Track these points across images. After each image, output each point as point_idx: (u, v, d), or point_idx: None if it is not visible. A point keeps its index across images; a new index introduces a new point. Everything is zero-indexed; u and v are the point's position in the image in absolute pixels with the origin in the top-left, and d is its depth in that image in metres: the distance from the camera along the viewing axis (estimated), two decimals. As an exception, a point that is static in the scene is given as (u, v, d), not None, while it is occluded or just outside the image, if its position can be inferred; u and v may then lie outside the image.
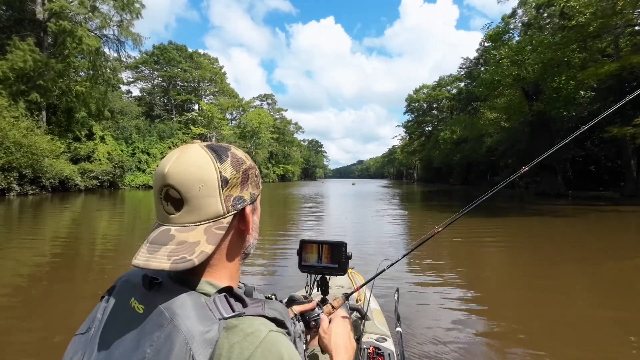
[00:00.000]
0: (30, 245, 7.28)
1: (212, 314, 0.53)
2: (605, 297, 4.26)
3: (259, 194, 0.68)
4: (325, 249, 1.26)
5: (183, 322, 0.50)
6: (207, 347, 0.49)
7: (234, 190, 0.61)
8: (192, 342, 0.49)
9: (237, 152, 0.65)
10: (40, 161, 22.53)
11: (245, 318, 0.54)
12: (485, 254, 6.84)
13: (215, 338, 0.51)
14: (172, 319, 0.50)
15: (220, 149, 0.62)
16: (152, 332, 0.51)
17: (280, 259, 6.13)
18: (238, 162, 0.63)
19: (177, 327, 0.50)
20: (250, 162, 0.66)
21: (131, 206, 17.83)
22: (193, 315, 0.51)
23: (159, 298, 0.54)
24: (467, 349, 2.88)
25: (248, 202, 0.64)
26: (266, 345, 0.51)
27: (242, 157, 0.64)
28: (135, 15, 30.87)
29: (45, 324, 3.37)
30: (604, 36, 19.55)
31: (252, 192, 0.65)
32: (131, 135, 37.73)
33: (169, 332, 0.50)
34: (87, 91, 28.70)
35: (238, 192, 0.62)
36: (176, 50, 53.86)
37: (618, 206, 15.70)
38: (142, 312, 0.54)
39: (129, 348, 0.52)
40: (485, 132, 38.83)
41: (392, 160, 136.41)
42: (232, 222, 0.61)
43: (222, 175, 0.59)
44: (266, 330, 0.53)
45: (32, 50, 23.96)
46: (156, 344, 0.49)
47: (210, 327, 0.51)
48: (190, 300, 0.53)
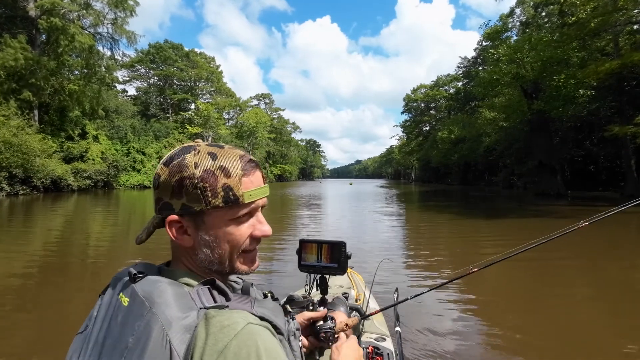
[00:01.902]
0: (20, 248, 7.09)
1: (193, 302, 0.54)
2: (607, 302, 4.16)
3: (200, 209, 0.60)
4: (324, 248, 1.25)
5: (161, 310, 0.51)
6: (184, 333, 0.50)
7: (164, 194, 0.61)
8: (169, 329, 0.50)
9: (190, 159, 0.60)
10: (31, 161, 22.15)
11: (225, 311, 0.54)
12: (485, 254, 6.61)
13: (194, 324, 0.51)
14: (151, 308, 0.52)
15: (183, 150, 0.62)
16: (133, 322, 0.52)
17: (279, 258, 6.10)
18: (178, 169, 0.60)
19: (156, 315, 0.51)
20: (199, 172, 0.59)
21: (125, 206, 17.50)
22: (172, 303, 0.52)
23: (141, 289, 0.56)
24: (466, 349, 2.86)
25: (174, 212, 0.60)
26: (242, 338, 0.50)
27: (187, 164, 0.59)
28: (130, 12, 30.48)
29: (36, 325, 3.39)
30: (603, 34, 19.36)
31: (186, 204, 0.59)
32: (126, 135, 37.27)
33: (147, 320, 0.51)
34: (80, 90, 28.27)
35: (167, 198, 0.61)
36: (172, 49, 53.39)
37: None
38: (127, 305, 0.55)
39: (115, 339, 0.53)
40: (484, 132, 38.61)
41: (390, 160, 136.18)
42: (168, 224, 0.62)
43: (157, 177, 0.61)
44: (244, 322, 0.52)
45: (23, 48, 23.56)
46: (137, 333, 0.51)
47: (188, 313, 0.52)
48: (171, 290, 0.55)
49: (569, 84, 19.46)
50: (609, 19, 16.36)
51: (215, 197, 0.59)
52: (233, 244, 0.63)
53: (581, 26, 17.42)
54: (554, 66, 20.46)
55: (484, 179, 47.22)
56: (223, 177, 0.59)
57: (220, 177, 0.59)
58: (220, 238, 0.62)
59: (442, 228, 10.11)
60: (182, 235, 0.62)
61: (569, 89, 19.72)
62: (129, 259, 6.17)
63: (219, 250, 0.63)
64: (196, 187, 0.58)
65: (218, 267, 0.64)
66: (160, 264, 0.68)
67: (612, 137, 18.84)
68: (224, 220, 0.62)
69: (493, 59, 23.94)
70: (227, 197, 0.60)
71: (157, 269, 0.63)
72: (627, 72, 18.99)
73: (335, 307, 1.22)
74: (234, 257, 0.64)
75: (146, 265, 0.63)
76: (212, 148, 0.63)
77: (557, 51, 19.50)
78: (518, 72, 22.07)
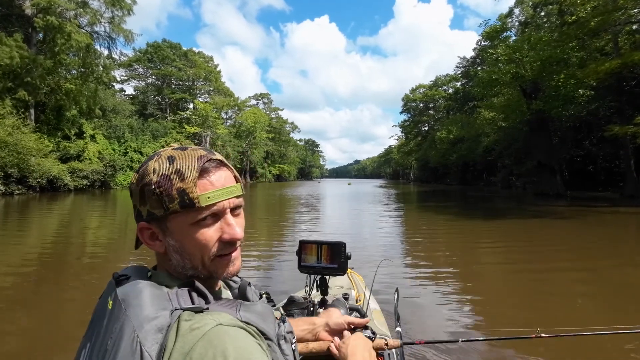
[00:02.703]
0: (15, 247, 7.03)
1: (169, 303, 0.53)
2: (607, 303, 4.13)
3: (161, 215, 0.59)
4: (324, 249, 1.25)
5: (135, 312, 0.51)
6: (156, 333, 0.50)
7: (135, 201, 0.62)
8: (139, 330, 0.49)
9: (151, 165, 0.60)
10: (26, 160, 21.95)
11: (200, 314, 0.53)
12: (484, 255, 6.82)
13: (166, 324, 0.51)
14: (126, 310, 0.52)
15: (150, 157, 0.62)
16: (112, 325, 0.52)
17: (278, 259, 6.06)
18: (142, 176, 0.60)
19: (129, 317, 0.51)
20: (156, 178, 0.58)
21: (122, 206, 17.32)
22: (147, 304, 0.52)
23: (121, 292, 0.56)
24: (466, 349, 2.85)
25: (143, 219, 0.60)
26: (208, 338, 0.48)
27: (148, 171, 0.59)
28: (127, 11, 30.29)
29: (31, 327, 3.35)
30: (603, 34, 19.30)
31: (150, 211, 0.59)
32: (124, 134, 37.01)
33: (122, 323, 0.51)
34: (77, 89, 28.04)
35: (138, 204, 0.61)
36: (170, 49, 53.16)
37: (619, 207, 15.40)
38: (110, 308, 0.56)
39: (100, 343, 0.54)
40: (482, 132, 38.53)
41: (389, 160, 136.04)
42: (139, 230, 0.62)
43: (130, 184, 0.62)
44: (213, 323, 0.51)
45: (19, 46, 23.36)
46: (113, 336, 0.51)
47: (160, 313, 0.51)
48: (148, 291, 0.54)
49: (568, 83, 19.37)
50: (609, 18, 16.28)
51: (172, 202, 0.57)
52: (200, 248, 0.60)
53: (581, 25, 17.34)
54: (553, 66, 20.37)
55: (483, 179, 47.18)
56: (178, 180, 0.57)
57: (175, 181, 0.57)
58: (186, 243, 0.60)
59: (442, 229, 10.02)
60: (154, 242, 0.62)
61: (568, 89, 19.64)
62: (126, 259, 6.12)
63: (187, 256, 0.60)
64: (154, 193, 0.58)
65: (192, 272, 0.61)
66: (151, 267, 0.67)
67: (612, 137, 18.75)
68: (186, 225, 0.59)
69: (492, 58, 23.84)
70: (183, 201, 0.57)
71: (146, 272, 0.62)
72: (627, 72, 18.93)
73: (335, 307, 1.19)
74: (206, 261, 0.61)
75: (135, 269, 0.63)
76: (174, 151, 0.61)
77: (556, 50, 19.42)
78: (517, 72, 21.99)
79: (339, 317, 1.06)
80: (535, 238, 8.47)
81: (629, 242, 8.41)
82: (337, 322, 1.05)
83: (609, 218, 12.20)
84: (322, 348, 0.99)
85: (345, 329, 1.04)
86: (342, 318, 1.05)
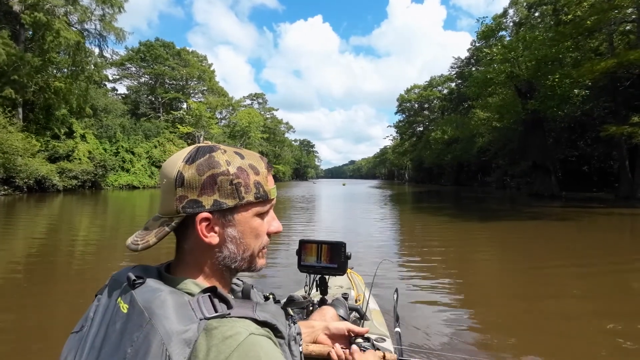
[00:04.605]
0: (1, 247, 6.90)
1: (193, 313, 0.53)
2: (602, 304, 4.11)
3: (234, 205, 0.61)
4: (324, 249, 1.25)
5: (161, 322, 0.51)
6: (184, 347, 0.49)
7: (190, 192, 0.60)
8: (168, 343, 0.49)
9: (220, 156, 0.61)
10: (13, 160, 21.38)
11: (227, 320, 0.53)
12: (483, 256, 6.85)
13: (194, 338, 0.50)
14: (151, 319, 0.51)
15: (204, 150, 0.62)
16: (132, 332, 0.52)
17: (278, 259, 6.04)
18: (208, 166, 0.60)
19: (155, 328, 0.50)
20: (233, 169, 0.61)
21: (113, 207, 16.93)
22: (172, 315, 0.52)
23: (141, 297, 0.55)
24: (465, 350, 2.87)
25: (205, 209, 0.60)
26: (243, 349, 0.49)
27: (219, 162, 0.61)
28: (118, 9, 29.77)
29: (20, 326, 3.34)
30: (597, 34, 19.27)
31: (218, 200, 0.60)
32: (115, 134, 36.40)
33: (147, 333, 0.50)
34: (67, 87, 27.45)
35: (195, 196, 0.59)
36: (163, 47, 52.52)
37: (614, 208, 15.33)
38: (126, 312, 0.55)
39: (113, 347, 0.53)
40: (477, 132, 38.51)
41: (384, 161, 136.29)
42: (188, 224, 0.61)
43: (181, 174, 0.60)
44: (246, 333, 0.52)
45: (6, 43, 22.76)
46: (135, 344, 0.50)
47: (188, 326, 0.51)
48: (172, 299, 0.54)
49: (564, 83, 19.29)
50: (605, 17, 16.20)
51: (248, 192, 0.62)
52: (258, 239, 0.66)
53: (577, 24, 17.26)
54: (549, 65, 20.29)
55: (477, 180, 47.25)
56: (253, 174, 0.63)
57: (252, 174, 0.63)
58: (247, 233, 0.64)
59: (438, 230, 9.91)
60: (210, 233, 0.61)
61: (564, 89, 19.55)
62: (116, 259, 6.00)
63: (244, 247, 0.64)
64: (231, 182, 0.61)
65: (239, 264, 0.65)
66: (159, 266, 0.66)
67: (608, 137, 18.71)
68: (251, 216, 0.64)
69: (487, 58, 23.74)
70: (258, 192, 0.63)
71: (156, 272, 0.62)
72: (622, 73, 18.90)
73: (335, 307, 1.18)
74: (256, 252, 0.66)
75: (145, 269, 0.62)
76: (234, 148, 0.66)
77: (551, 50, 19.33)
78: (512, 71, 21.88)
79: (340, 323, 1.05)
80: (531, 240, 8.33)
81: (624, 245, 8.27)
82: (338, 327, 1.03)
83: (608, 219, 12.09)
84: (322, 352, 0.97)
85: (345, 334, 1.03)
86: (343, 324, 1.04)
